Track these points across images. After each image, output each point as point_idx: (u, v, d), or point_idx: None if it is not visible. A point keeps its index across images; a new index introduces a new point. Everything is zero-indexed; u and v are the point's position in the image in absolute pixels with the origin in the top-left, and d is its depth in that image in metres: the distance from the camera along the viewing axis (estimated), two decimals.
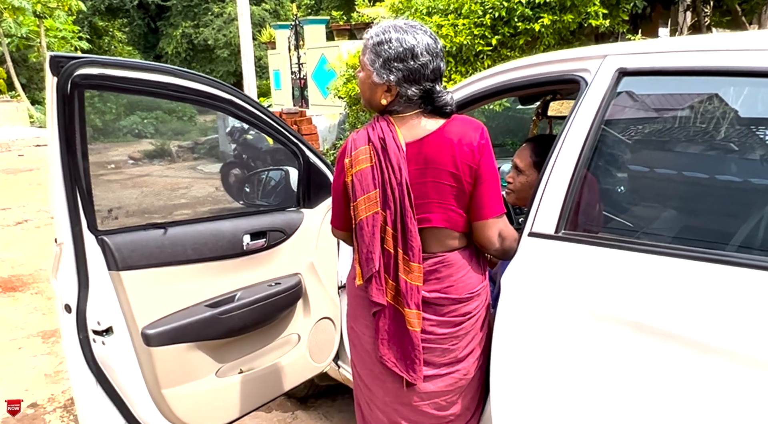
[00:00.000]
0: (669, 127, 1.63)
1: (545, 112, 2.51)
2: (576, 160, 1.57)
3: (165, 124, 12.70)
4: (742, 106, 1.46)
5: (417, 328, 1.63)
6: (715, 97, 1.51)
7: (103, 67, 1.62)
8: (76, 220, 1.68)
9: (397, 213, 1.60)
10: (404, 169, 1.58)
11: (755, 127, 1.46)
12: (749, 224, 1.34)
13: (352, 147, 1.66)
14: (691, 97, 1.57)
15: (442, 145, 1.58)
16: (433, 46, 1.57)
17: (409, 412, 1.73)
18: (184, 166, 10.64)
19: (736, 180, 1.51)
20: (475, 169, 1.58)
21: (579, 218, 1.61)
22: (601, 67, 1.62)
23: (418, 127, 1.62)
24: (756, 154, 1.47)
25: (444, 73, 1.65)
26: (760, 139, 1.46)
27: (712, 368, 1.21)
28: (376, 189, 1.60)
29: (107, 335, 1.78)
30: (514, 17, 5.04)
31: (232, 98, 1.99)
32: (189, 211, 6.65)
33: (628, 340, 1.35)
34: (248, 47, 9.53)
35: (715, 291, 1.25)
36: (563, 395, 1.49)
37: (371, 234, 1.62)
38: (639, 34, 5.99)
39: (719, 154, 1.54)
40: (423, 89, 1.59)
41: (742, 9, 7.16)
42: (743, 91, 1.46)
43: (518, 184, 2.13)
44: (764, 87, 1.41)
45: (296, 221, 2.32)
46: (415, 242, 1.60)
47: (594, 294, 1.44)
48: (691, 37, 1.96)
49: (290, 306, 2.31)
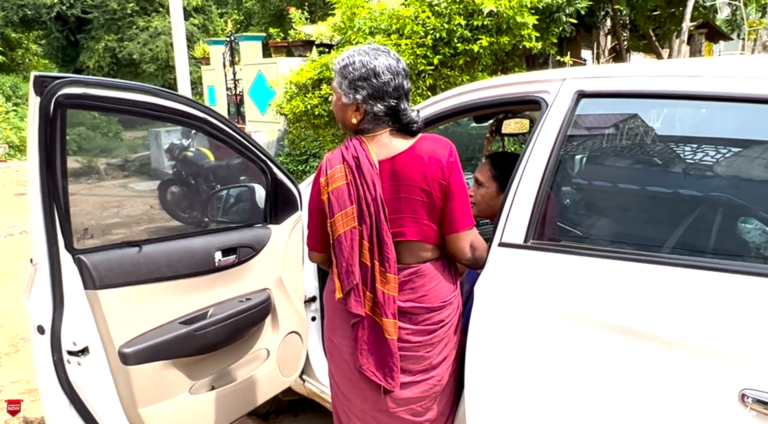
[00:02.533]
0: (623, 146, 1.79)
1: (499, 130, 2.66)
2: (541, 176, 1.70)
3: (89, 141, 12.22)
4: (689, 127, 1.64)
5: (394, 336, 1.70)
6: (665, 118, 1.69)
7: (87, 86, 1.62)
8: (53, 239, 1.65)
9: (372, 227, 1.68)
10: (378, 185, 1.67)
11: (702, 146, 1.64)
12: (702, 231, 1.51)
13: (327, 167, 1.74)
14: (643, 118, 1.74)
15: (413, 163, 1.68)
16: (395, 65, 1.69)
17: (386, 418, 1.80)
18: (114, 184, 10.27)
19: (686, 193, 1.68)
20: (445, 185, 1.68)
21: (546, 229, 1.74)
22: (561, 90, 1.77)
23: (389, 145, 1.71)
24: (704, 170, 1.65)
25: (409, 92, 1.76)
26: (706, 156, 1.64)
27: (676, 361, 1.35)
28: (352, 205, 1.68)
29: (83, 356, 1.75)
30: (454, 38, 5.26)
31: (206, 117, 2.01)
32: (125, 230, 6.45)
33: (599, 340, 1.47)
34: (183, 62, 9.38)
35: (676, 291, 1.39)
36: (537, 396, 1.59)
37: (350, 248, 1.69)
38: (568, 55, 6.37)
39: (669, 170, 1.71)
40: (388, 106, 1.69)
41: (655, 35, 7.74)
42: (690, 112, 1.65)
43: (479, 196, 2.25)
44: (708, 109, 1.60)
45: (264, 237, 2.35)
46: (390, 254, 1.69)
47: (565, 298, 1.56)
48: (644, 62, 2.16)
49: (260, 321, 2.32)
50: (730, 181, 1.59)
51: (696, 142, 1.65)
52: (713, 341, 1.28)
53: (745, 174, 1.58)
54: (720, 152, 1.62)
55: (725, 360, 1.26)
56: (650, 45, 7.97)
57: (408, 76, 1.73)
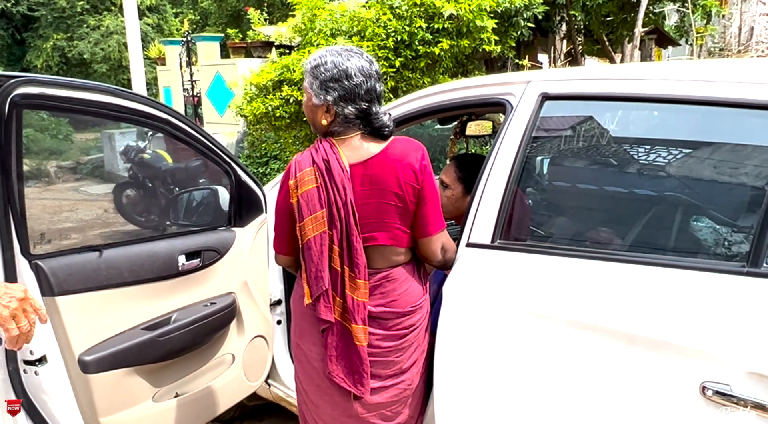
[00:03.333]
0: (586, 147, 1.84)
1: (463, 131, 2.70)
2: (507, 177, 1.73)
3: (38, 143, 11.79)
4: (649, 128, 1.70)
5: (364, 343, 1.68)
6: (626, 120, 1.74)
7: (44, 86, 1.56)
8: (8, 244, 1.59)
9: (342, 232, 1.66)
10: (348, 190, 1.65)
11: (660, 147, 1.70)
12: (661, 229, 1.56)
13: (296, 169, 1.71)
14: (604, 119, 1.79)
15: (386, 167, 1.66)
16: (367, 67, 1.67)
17: (356, 423, 1.79)
18: (66, 187, 9.94)
19: (645, 192, 1.74)
20: (418, 189, 1.68)
21: (512, 229, 1.77)
22: (526, 92, 1.80)
23: (360, 149, 1.69)
24: (661, 170, 1.70)
25: (382, 96, 1.75)
26: (665, 157, 1.70)
27: (639, 356, 1.38)
28: (322, 209, 1.66)
29: (40, 365, 1.68)
30: (415, 41, 5.29)
31: (169, 118, 1.97)
32: (79, 235, 6.24)
33: (566, 337, 1.50)
34: (138, 63, 9.15)
35: (638, 288, 1.43)
36: (505, 394, 1.61)
37: (319, 253, 1.66)
38: (526, 59, 6.50)
39: (630, 171, 1.76)
40: (359, 109, 1.66)
41: (608, 39, 7.97)
42: (649, 114, 1.70)
43: (445, 198, 2.26)
44: (665, 111, 1.65)
45: (229, 240, 2.31)
46: (360, 259, 1.67)
47: (531, 296, 1.59)
48: (606, 66, 2.21)
49: (225, 326, 2.28)
50: (686, 181, 1.65)
51: (655, 144, 1.71)
52: (674, 336, 1.33)
53: (699, 175, 1.64)
54: (678, 153, 1.67)
55: (686, 354, 1.30)
56: (604, 49, 8.20)
57: (380, 79, 1.72)
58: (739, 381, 1.23)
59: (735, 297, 1.29)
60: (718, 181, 1.57)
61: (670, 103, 1.54)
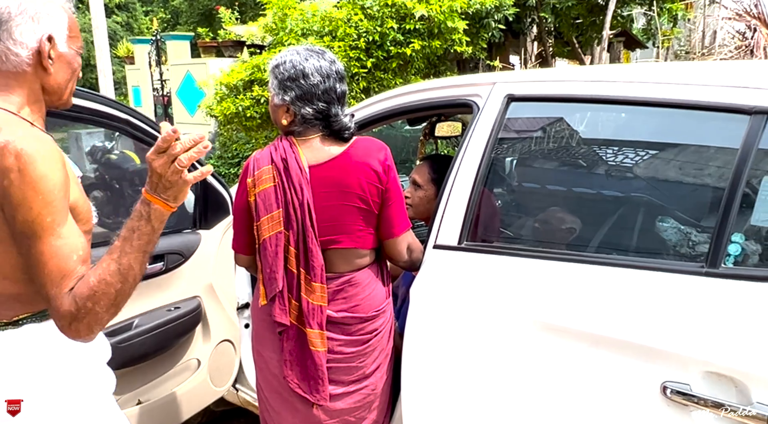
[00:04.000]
0: (551, 148, 1.85)
1: (432, 132, 2.69)
2: (473, 178, 1.72)
3: None
4: (612, 130, 1.71)
5: (320, 348, 1.65)
6: (589, 120, 1.75)
7: None
8: None
9: (299, 233, 1.64)
10: (306, 190, 1.63)
11: (624, 148, 1.71)
12: (625, 230, 1.57)
13: (254, 167, 1.69)
14: (569, 121, 1.80)
15: (348, 169, 1.64)
16: (327, 67, 1.65)
17: None
18: None
19: (609, 193, 1.75)
20: (382, 190, 1.66)
21: (478, 230, 1.77)
22: (492, 93, 1.80)
23: (321, 150, 1.67)
24: (626, 171, 1.72)
25: (344, 96, 1.71)
26: (629, 158, 1.71)
27: (603, 357, 1.39)
28: (279, 209, 1.64)
29: None
30: (387, 42, 5.28)
31: (129, 118, 1.92)
32: None
33: (532, 338, 1.50)
34: (106, 62, 8.97)
35: (602, 289, 1.44)
36: (473, 395, 1.61)
37: (274, 253, 1.64)
38: (497, 60, 6.54)
39: (593, 172, 1.78)
40: (317, 109, 1.64)
41: (578, 42, 8.08)
42: (612, 116, 1.71)
43: (417, 199, 2.25)
44: (629, 113, 1.67)
45: (194, 243, 2.26)
46: (316, 262, 1.64)
47: (497, 298, 1.59)
48: (571, 68, 2.23)
49: (190, 330, 2.24)
50: (650, 182, 1.66)
51: (619, 145, 1.72)
52: (636, 337, 1.33)
53: (662, 176, 1.66)
54: (642, 155, 1.69)
55: (647, 354, 1.31)
56: (573, 51, 8.30)
57: (343, 80, 1.69)
58: (698, 381, 1.24)
59: (694, 297, 1.30)
60: (680, 182, 1.59)
61: (634, 105, 1.56)
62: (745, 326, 1.21)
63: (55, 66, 1.24)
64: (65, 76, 1.28)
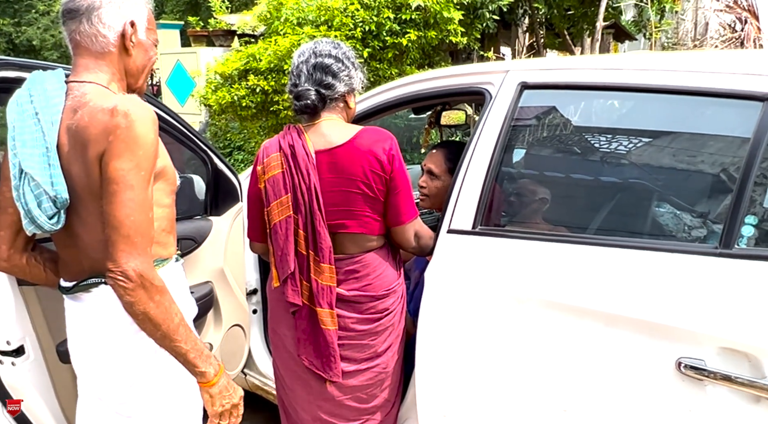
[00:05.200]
0: (565, 135, 1.89)
1: (438, 121, 2.73)
2: (488, 164, 1.76)
3: None
4: (627, 117, 1.76)
5: (331, 326, 1.71)
6: (603, 108, 1.79)
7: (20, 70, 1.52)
8: None
9: (307, 216, 1.68)
10: (312, 175, 1.67)
11: (640, 135, 1.76)
12: (638, 214, 1.62)
13: (264, 155, 1.75)
14: (583, 108, 1.84)
15: (353, 156, 1.69)
16: (308, 48, 1.76)
17: (332, 406, 1.81)
18: None
19: (609, 179, 1.80)
20: (386, 179, 1.70)
21: (492, 215, 1.81)
22: (505, 81, 1.83)
23: (327, 136, 1.72)
24: (646, 157, 1.76)
25: (321, 72, 1.74)
26: (635, 145, 1.76)
27: (618, 335, 1.44)
28: (287, 194, 1.69)
29: (17, 356, 1.64)
30: (382, 32, 5.29)
31: None
32: None
33: (547, 319, 1.55)
34: None
35: (616, 270, 1.49)
36: (488, 377, 1.65)
37: (285, 237, 1.69)
38: (491, 51, 6.58)
39: (614, 158, 1.82)
40: (290, 90, 1.77)
41: (569, 33, 8.14)
42: (627, 103, 1.76)
43: (434, 188, 2.23)
44: (644, 100, 1.71)
45: (206, 229, 2.28)
46: (324, 244, 1.69)
47: (512, 280, 1.63)
48: (582, 56, 2.27)
49: (203, 315, 2.26)
50: (668, 168, 1.71)
51: (632, 132, 1.77)
52: (652, 316, 1.39)
53: (680, 161, 1.70)
54: (651, 142, 1.74)
55: (662, 332, 1.36)
56: (564, 43, 8.36)
57: (320, 56, 1.74)
58: (713, 356, 1.30)
59: (709, 277, 1.35)
60: (696, 167, 1.63)
61: (647, 92, 1.60)
62: (757, 304, 1.27)
63: (135, 50, 1.43)
64: (143, 62, 1.47)
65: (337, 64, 1.75)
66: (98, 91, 1.33)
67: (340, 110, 1.80)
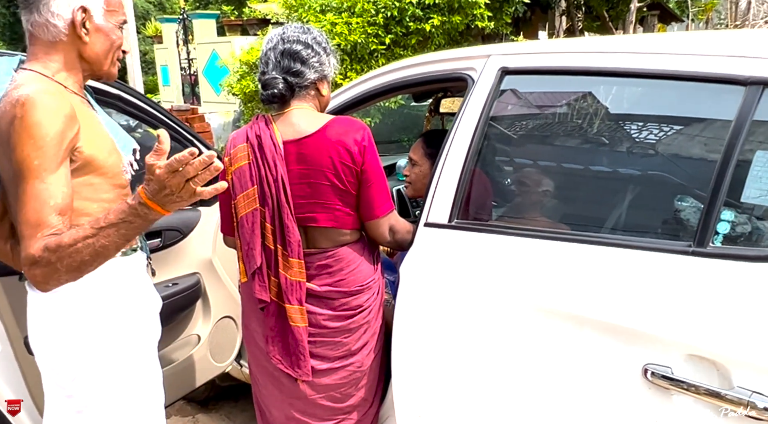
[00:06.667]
0: (546, 122, 1.78)
1: (437, 108, 2.64)
2: (465, 155, 1.67)
3: None
4: (610, 103, 1.63)
5: (300, 324, 1.65)
6: (586, 94, 1.67)
7: None
8: None
9: (274, 209, 1.63)
10: (279, 166, 1.61)
11: (621, 122, 1.64)
12: (618, 209, 1.51)
13: (230, 146, 1.69)
14: (564, 94, 1.73)
15: (321, 147, 1.62)
16: (276, 34, 1.70)
17: (304, 405, 1.76)
18: None
19: (606, 170, 1.68)
20: (357, 171, 1.63)
21: (470, 208, 1.72)
22: (486, 66, 1.74)
23: (296, 125, 1.66)
24: (624, 147, 1.64)
25: (289, 58, 1.68)
26: (625, 133, 1.64)
27: (587, 338, 1.34)
28: (254, 186, 1.63)
29: None
30: (405, 17, 5.19)
31: (120, 93, 1.92)
32: None
33: (520, 318, 1.46)
34: (134, 41, 9.05)
35: (587, 269, 1.39)
36: (463, 371, 1.58)
37: (251, 230, 1.64)
38: (521, 35, 6.37)
39: (591, 148, 1.71)
40: (259, 79, 1.70)
41: (609, 15, 7.81)
42: (610, 89, 1.64)
43: (414, 176, 2.23)
44: (626, 86, 1.59)
45: (193, 220, 2.28)
46: (293, 237, 1.63)
47: (487, 277, 1.55)
48: (564, 39, 2.14)
49: (189, 306, 2.26)
50: (640, 157, 1.59)
51: (612, 118, 1.65)
52: (619, 318, 1.28)
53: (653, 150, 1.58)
54: (633, 128, 1.62)
55: (630, 337, 1.26)
56: (604, 25, 8.04)
57: (288, 42, 1.67)
58: (680, 364, 1.19)
59: (680, 278, 1.24)
60: (671, 156, 1.51)
61: (628, 76, 1.48)
62: (728, 309, 1.15)
63: (91, 37, 1.39)
64: (103, 47, 1.43)
65: (306, 50, 1.68)
66: (27, 80, 1.29)
67: (311, 98, 1.73)
